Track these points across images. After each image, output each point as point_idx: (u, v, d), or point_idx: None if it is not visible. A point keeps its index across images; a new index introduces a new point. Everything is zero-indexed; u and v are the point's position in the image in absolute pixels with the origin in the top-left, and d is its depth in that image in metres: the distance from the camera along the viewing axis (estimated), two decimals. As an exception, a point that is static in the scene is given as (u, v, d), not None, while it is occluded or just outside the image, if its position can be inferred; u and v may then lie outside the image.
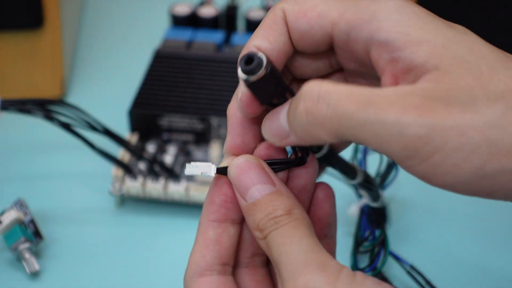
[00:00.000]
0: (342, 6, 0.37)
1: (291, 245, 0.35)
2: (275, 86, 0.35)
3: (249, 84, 0.35)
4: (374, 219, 0.51)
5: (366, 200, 0.54)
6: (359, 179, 0.44)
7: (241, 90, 0.37)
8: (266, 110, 0.37)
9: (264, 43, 0.37)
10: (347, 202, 0.57)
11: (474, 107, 0.32)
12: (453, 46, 0.34)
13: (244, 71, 0.34)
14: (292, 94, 0.36)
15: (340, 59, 0.38)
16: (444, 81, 0.33)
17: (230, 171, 0.37)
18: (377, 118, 0.32)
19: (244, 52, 0.36)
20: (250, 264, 0.39)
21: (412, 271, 0.52)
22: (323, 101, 0.33)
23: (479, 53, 0.34)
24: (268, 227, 0.36)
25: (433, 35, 0.34)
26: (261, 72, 0.34)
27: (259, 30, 0.38)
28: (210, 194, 0.38)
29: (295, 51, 0.38)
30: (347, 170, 0.43)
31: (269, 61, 0.34)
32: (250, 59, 0.34)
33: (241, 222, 0.38)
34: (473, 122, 0.32)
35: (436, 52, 0.34)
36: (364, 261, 0.53)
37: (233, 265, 0.38)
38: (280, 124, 0.36)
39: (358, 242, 0.53)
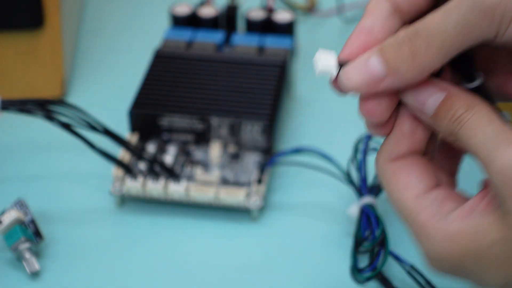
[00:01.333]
0: None
1: (478, 136, 0.36)
2: None
3: None
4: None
5: (366, 200, 0.54)
6: None
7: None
8: None
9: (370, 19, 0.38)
10: (347, 202, 0.57)
11: None
12: None
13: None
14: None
15: None
16: None
17: (404, 96, 0.38)
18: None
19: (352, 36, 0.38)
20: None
21: (412, 271, 0.52)
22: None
23: None
24: (454, 129, 0.37)
25: None
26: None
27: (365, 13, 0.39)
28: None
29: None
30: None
31: None
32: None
33: None
34: None
35: None
36: (364, 261, 0.53)
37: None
38: (370, 68, 0.37)
39: (357, 242, 0.53)
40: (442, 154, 0.42)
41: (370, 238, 0.53)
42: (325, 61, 0.38)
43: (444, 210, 0.38)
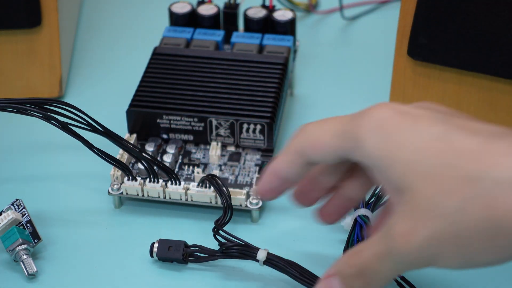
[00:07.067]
0: (331, 130, 0.43)
1: None
2: None
3: None
4: None
5: (362, 211, 0.54)
6: None
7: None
8: None
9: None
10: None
11: (433, 212, 0.39)
12: (422, 157, 0.40)
13: None
14: None
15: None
16: (411, 201, 0.40)
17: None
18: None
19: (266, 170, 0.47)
20: None
21: (403, 282, 0.51)
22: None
23: (446, 150, 0.39)
24: None
25: (407, 150, 0.40)
26: None
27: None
28: None
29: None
30: None
31: None
32: None
33: None
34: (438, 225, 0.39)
35: (407, 171, 0.40)
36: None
37: None
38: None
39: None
40: None
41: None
42: None
43: None
